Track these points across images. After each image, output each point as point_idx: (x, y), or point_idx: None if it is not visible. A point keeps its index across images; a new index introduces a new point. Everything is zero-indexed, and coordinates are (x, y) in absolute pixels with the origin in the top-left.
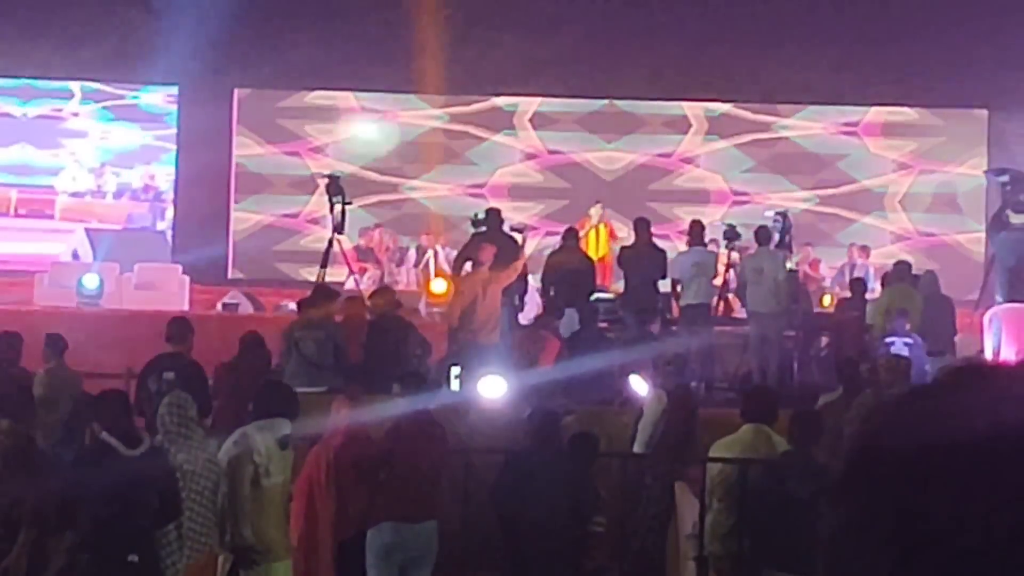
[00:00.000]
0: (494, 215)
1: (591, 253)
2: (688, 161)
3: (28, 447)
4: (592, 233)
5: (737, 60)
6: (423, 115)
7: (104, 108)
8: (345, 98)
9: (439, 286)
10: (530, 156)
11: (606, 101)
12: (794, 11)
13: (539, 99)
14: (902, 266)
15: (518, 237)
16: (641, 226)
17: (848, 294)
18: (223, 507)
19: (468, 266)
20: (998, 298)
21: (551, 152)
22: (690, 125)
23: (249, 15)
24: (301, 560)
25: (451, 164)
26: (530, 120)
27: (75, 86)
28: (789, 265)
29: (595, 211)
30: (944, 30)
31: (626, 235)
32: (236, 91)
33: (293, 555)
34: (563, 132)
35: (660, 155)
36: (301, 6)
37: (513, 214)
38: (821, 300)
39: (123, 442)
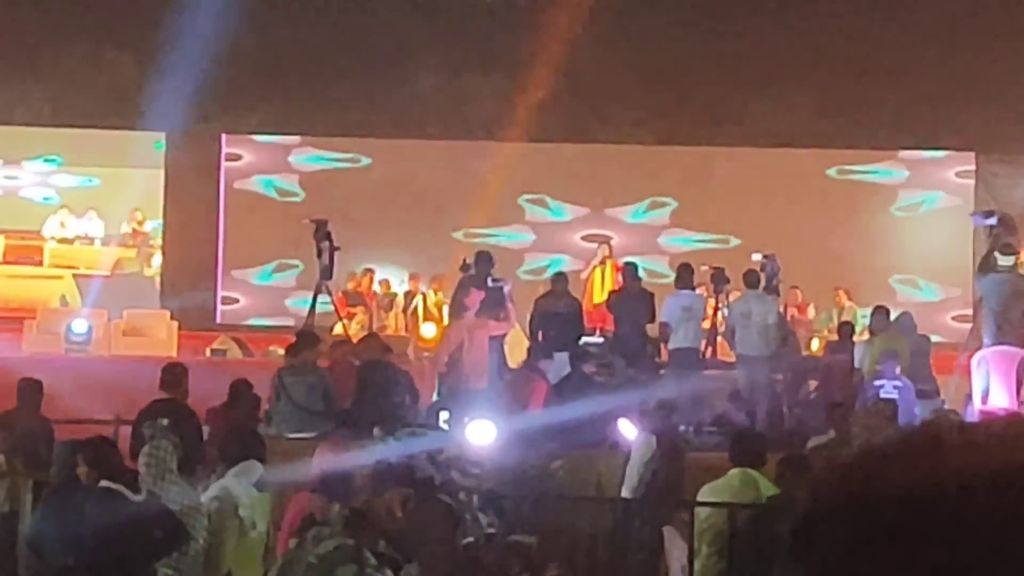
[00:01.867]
0: (483, 259)
1: (596, 293)
2: None
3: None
4: (597, 272)
5: (722, 105)
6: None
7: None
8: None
9: (429, 331)
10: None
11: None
12: (779, 55)
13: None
14: (882, 310)
15: (503, 287)
16: (630, 270)
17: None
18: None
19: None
20: (986, 340)
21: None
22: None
23: (239, 61)
24: None
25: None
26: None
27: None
28: (778, 308)
29: (600, 250)
30: (931, 73)
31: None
32: (224, 136)
33: None
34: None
35: None
36: (289, 52)
37: None
38: (809, 344)
39: (131, 487)
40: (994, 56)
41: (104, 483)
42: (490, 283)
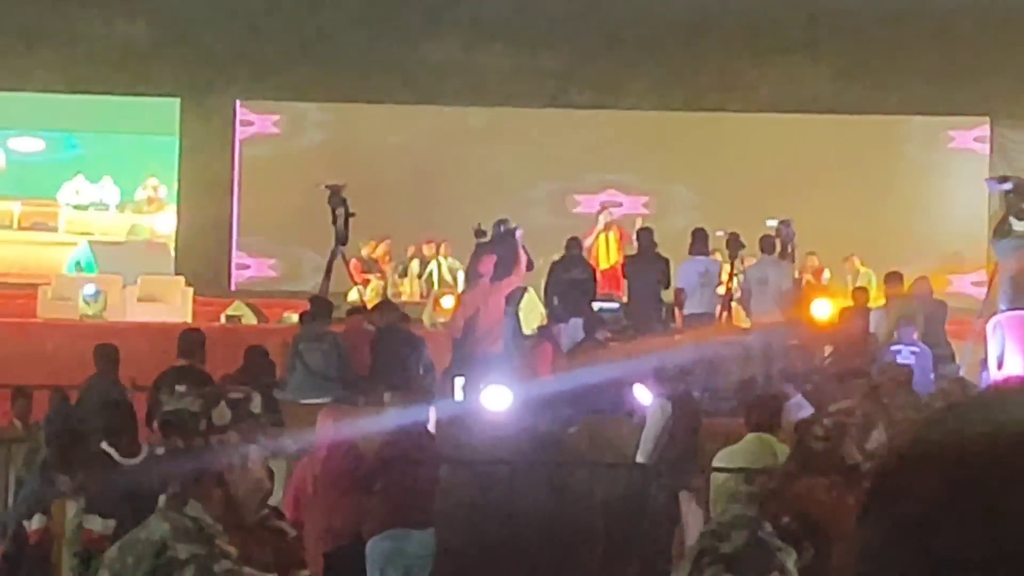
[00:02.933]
0: (496, 225)
1: (601, 260)
2: None
3: None
4: (602, 240)
5: (736, 71)
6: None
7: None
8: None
9: (448, 303)
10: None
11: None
12: (794, 19)
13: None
14: (896, 275)
15: (515, 232)
16: (645, 235)
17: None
18: None
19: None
20: (1001, 306)
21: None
22: None
23: (254, 27)
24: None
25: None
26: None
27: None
28: (793, 274)
29: (602, 217)
30: (946, 39)
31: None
32: (238, 102)
33: None
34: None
35: None
36: (302, 16)
37: None
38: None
39: (122, 452)
40: (1010, 21)
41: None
42: (501, 229)
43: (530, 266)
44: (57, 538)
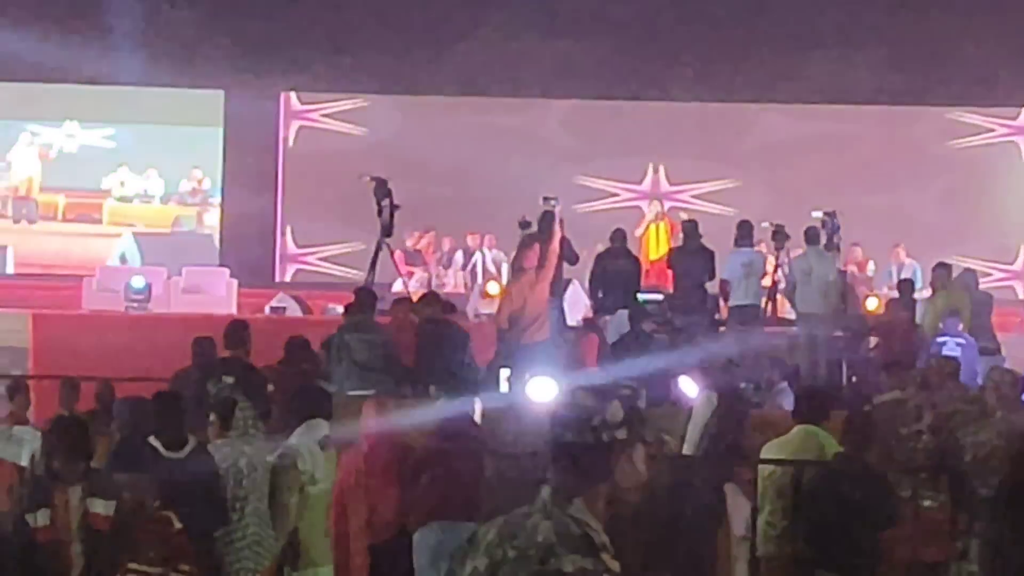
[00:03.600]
0: (541, 216)
1: (651, 251)
2: None
3: None
4: (652, 230)
5: (783, 62)
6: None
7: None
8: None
9: (493, 288)
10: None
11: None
12: (843, 12)
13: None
14: (944, 266)
15: (554, 207)
16: (690, 227)
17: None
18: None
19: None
20: None
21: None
22: None
23: (299, 18)
24: (335, 566)
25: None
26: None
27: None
28: (838, 265)
29: (652, 207)
30: (997, 29)
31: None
32: (283, 94)
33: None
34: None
35: None
36: (346, 8)
37: None
38: (865, 303)
39: (167, 445)
40: None
41: (151, 440)
42: (541, 202)
43: (575, 259)
44: (64, 529)
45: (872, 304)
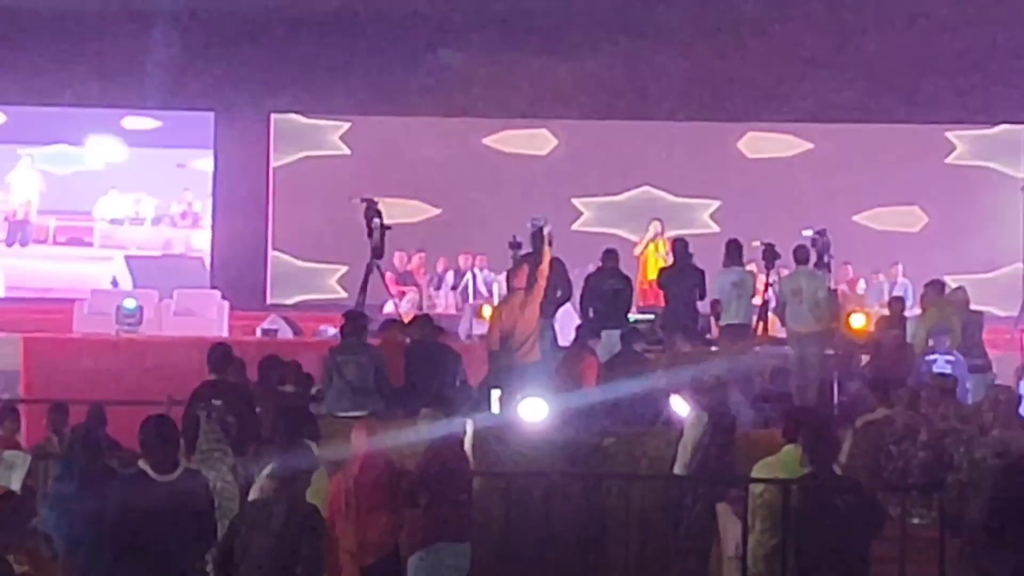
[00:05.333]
0: (531, 237)
1: (650, 270)
2: None
3: None
4: (651, 248)
5: (771, 81)
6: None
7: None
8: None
9: (489, 312)
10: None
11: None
12: (831, 31)
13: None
14: (937, 284)
15: (542, 231)
16: (680, 246)
17: (886, 312)
18: None
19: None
20: None
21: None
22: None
23: (286, 38)
24: None
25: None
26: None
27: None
28: (828, 284)
29: (652, 227)
30: (981, 47)
31: None
32: (273, 115)
33: None
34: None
35: None
36: (337, 29)
37: None
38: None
39: (157, 468)
40: None
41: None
42: (529, 225)
43: (568, 291)
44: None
45: (858, 321)
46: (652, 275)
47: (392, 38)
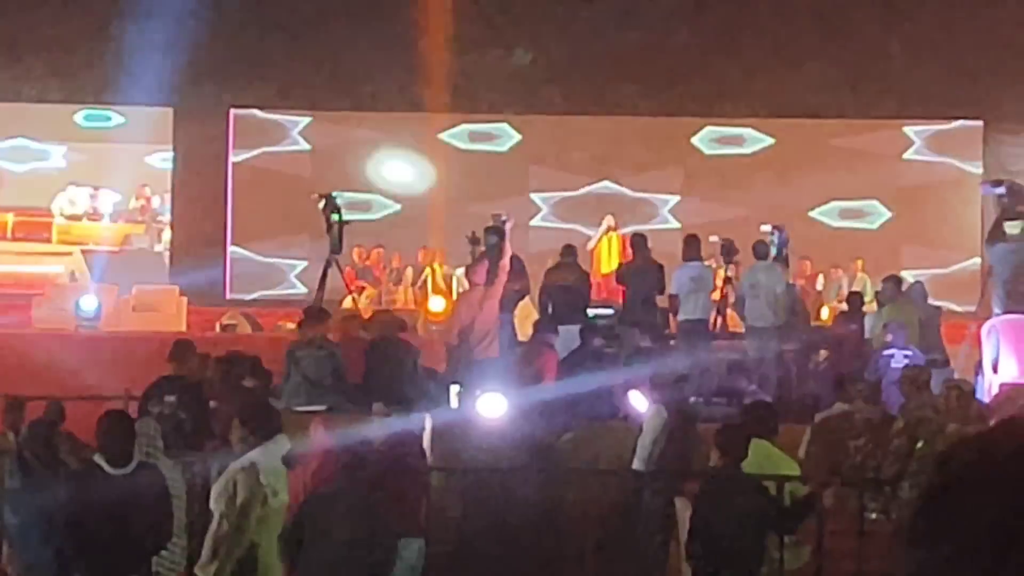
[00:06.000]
0: (490, 232)
1: (603, 264)
2: None
3: None
4: (604, 242)
5: (730, 76)
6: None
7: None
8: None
9: (437, 305)
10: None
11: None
12: (788, 26)
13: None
14: (894, 279)
15: (503, 227)
16: (639, 242)
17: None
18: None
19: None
20: (996, 309)
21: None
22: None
23: (245, 34)
24: None
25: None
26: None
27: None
28: (787, 279)
29: (606, 220)
30: (939, 43)
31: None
32: (232, 111)
33: None
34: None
35: None
36: (296, 26)
37: None
38: (818, 314)
39: (112, 462)
40: (1001, 25)
41: (95, 458)
42: (492, 221)
43: (526, 288)
44: None
45: (825, 315)
46: (606, 269)
47: (351, 33)
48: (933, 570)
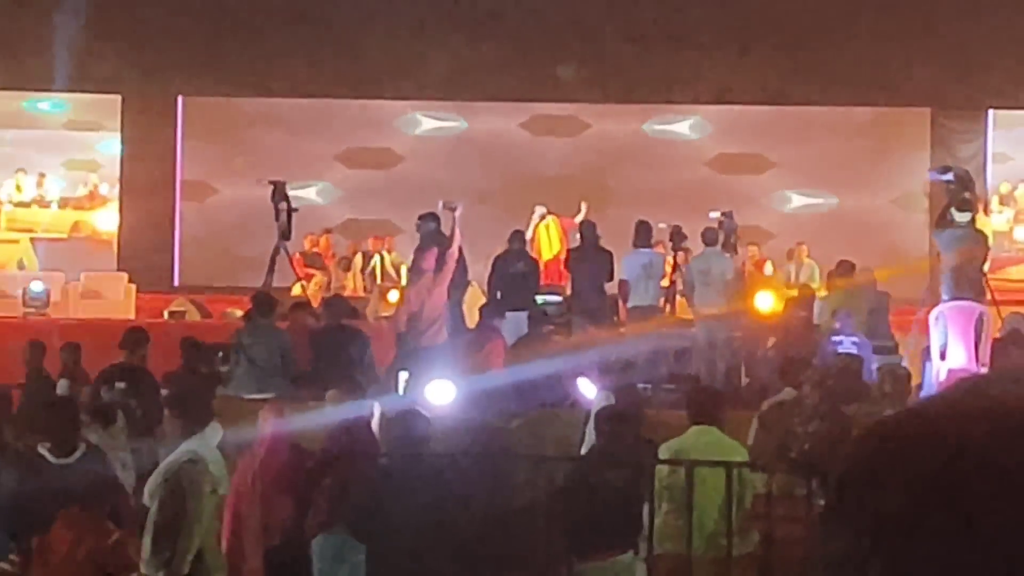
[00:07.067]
0: (429, 218)
1: (544, 251)
2: None
3: None
4: (541, 230)
5: (675, 62)
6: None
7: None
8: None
9: (394, 297)
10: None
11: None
12: (736, 12)
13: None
14: (846, 265)
15: (450, 215)
16: (588, 228)
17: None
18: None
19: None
20: (944, 296)
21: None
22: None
23: (193, 21)
24: (230, 571)
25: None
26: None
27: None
28: (736, 265)
29: (537, 209)
30: (886, 29)
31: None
32: (180, 98)
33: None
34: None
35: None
36: (245, 10)
37: None
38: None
39: (55, 452)
40: (946, 11)
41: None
42: (440, 207)
43: (464, 273)
44: None
45: (765, 303)
46: (547, 255)
47: (302, 19)
48: (841, 557)
